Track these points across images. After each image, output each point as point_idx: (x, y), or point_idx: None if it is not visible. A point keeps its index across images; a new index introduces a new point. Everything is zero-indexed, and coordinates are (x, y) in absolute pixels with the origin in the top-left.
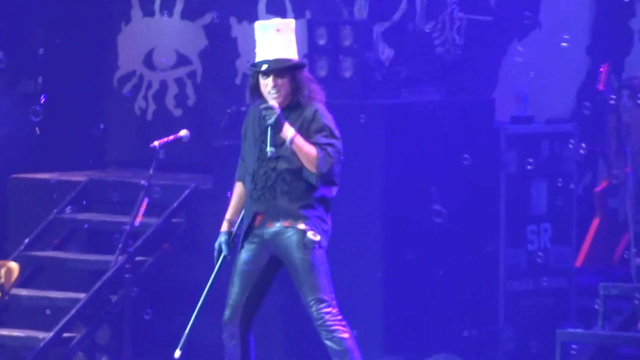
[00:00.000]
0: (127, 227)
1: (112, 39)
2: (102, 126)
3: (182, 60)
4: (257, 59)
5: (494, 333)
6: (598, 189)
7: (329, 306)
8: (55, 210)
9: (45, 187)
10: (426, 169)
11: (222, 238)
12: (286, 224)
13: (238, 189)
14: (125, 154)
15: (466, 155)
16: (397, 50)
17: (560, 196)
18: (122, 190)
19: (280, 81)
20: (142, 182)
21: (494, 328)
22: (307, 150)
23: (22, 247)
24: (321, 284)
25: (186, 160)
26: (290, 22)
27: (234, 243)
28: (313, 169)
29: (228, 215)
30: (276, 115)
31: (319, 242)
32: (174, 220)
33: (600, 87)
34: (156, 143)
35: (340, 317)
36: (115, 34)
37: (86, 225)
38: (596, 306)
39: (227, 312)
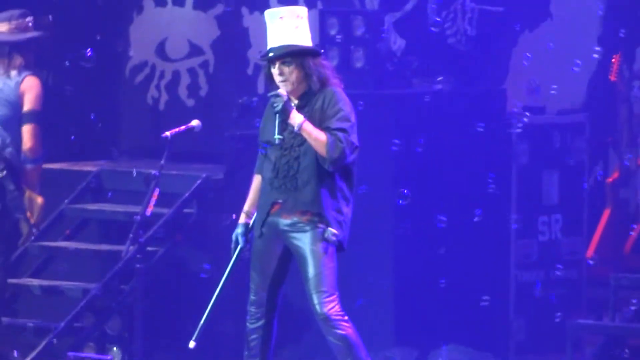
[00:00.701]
0: (138, 217)
1: (124, 29)
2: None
3: (194, 50)
4: (270, 45)
5: (505, 324)
6: (609, 180)
7: (332, 301)
8: (66, 201)
9: (56, 177)
10: (437, 158)
11: (239, 230)
12: (304, 219)
13: (257, 181)
14: (138, 143)
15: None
16: (408, 41)
17: (571, 187)
18: (134, 180)
19: (286, 68)
20: (154, 172)
21: (504, 319)
22: (316, 135)
23: (32, 238)
24: (328, 279)
25: (198, 150)
26: (295, 9)
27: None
28: (324, 154)
29: (246, 207)
30: (283, 102)
31: (336, 236)
32: (185, 210)
33: (612, 77)
34: (168, 133)
35: (343, 313)
36: (127, 24)
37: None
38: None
39: (252, 297)
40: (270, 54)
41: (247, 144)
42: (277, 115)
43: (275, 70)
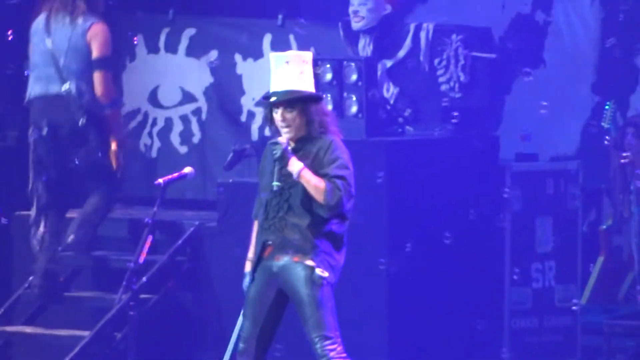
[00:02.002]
0: (132, 265)
1: (117, 76)
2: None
3: (187, 97)
4: (270, 91)
5: None
6: (603, 227)
7: (333, 343)
8: (59, 248)
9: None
10: (430, 205)
11: (247, 280)
12: (295, 258)
13: (257, 227)
14: (130, 191)
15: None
16: (401, 88)
17: (564, 234)
18: (127, 227)
19: (289, 114)
20: (146, 219)
21: None
22: (315, 183)
23: (26, 285)
24: (327, 321)
25: (191, 197)
26: (302, 54)
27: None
28: (321, 201)
29: (250, 255)
30: (282, 150)
31: (326, 279)
32: (178, 257)
33: (605, 125)
34: (161, 180)
35: (344, 355)
36: (120, 71)
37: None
38: None
39: (241, 345)
40: (274, 98)
41: (239, 191)
42: (276, 162)
43: (277, 115)
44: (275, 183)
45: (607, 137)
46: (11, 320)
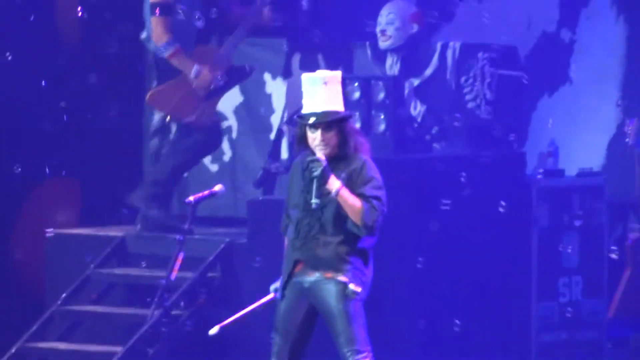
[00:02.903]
0: (163, 281)
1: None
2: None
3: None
4: (305, 111)
5: None
6: (629, 241)
7: (366, 357)
8: (92, 265)
9: (82, 242)
10: (458, 222)
11: (277, 284)
12: (327, 275)
13: (287, 243)
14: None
15: (502, 203)
16: (428, 105)
17: (591, 249)
18: (158, 245)
19: (328, 134)
20: (178, 236)
21: None
22: (352, 202)
23: (59, 302)
24: (358, 335)
25: (221, 214)
26: (337, 75)
27: None
28: (358, 222)
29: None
30: (322, 168)
31: (359, 294)
32: (209, 274)
33: (630, 141)
34: (191, 198)
35: None
36: (150, 89)
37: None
38: None
39: (273, 359)
40: (313, 119)
41: (269, 209)
42: (315, 179)
43: (316, 135)
44: (314, 200)
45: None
46: (44, 336)
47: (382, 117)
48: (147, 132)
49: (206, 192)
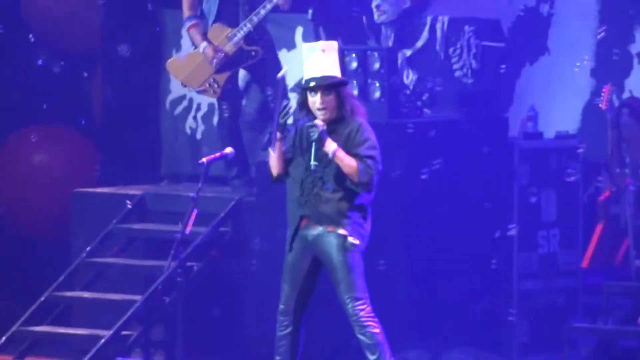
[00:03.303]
0: (179, 236)
1: (165, 65)
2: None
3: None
4: (305, 78)
5: (509, 327)
6: (601, 197)
7: (363, 304)
8: (114, 221)
9: (105, 200)
10: (446, 179)
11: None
12: (329, 228)
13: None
14: (177, 169)
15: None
16: (419, 74)
17: (567, 204)
18: (174, 202)
19: (327, 97)
20: (192, 194)
21: (508, 323)
22: (348, 162)
23: (84, 255)
24: (357, 284)
25: (231, 174)
26: (333, 44)
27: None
28: (355, 179)
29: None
30: (319, 132)
31: (357, 246)
32: (221, 229)
33: (603, 106)
34: (204, 159)
35: (373, 315)
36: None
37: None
38: None
39: (281, 306)
40: (313, 84)
41: None
42: (314, 143)
43: (316, 99)
44: (313, 162)
45: None
46: (70, 286)
47: (378, 85)
48: (163, 96)
49: (217, 154)
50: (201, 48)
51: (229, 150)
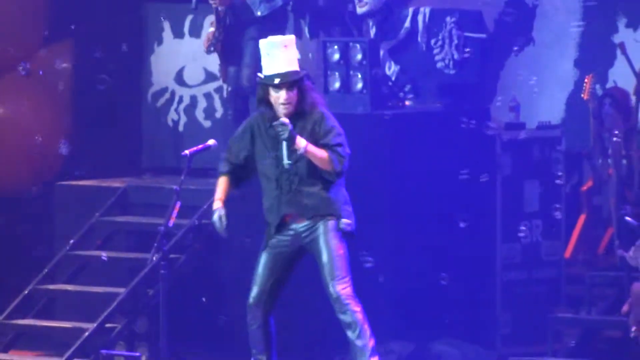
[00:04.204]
0: (162, 228)
1: (146, 58)
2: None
3: (209, 77)
4: (267, 73)
5: (492, 318)
6: (584, 188)
7: (345, 284)
8: (97, 214)
9: (88, 193)
10: (429, 171)
11: (222, 212)
12: (317, 216)
13: (225, 181)
14: (160, 161)
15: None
16: (401, 66)
17: (550, 195)
18: (157, 195)
19: (291, 93)
20: (175, 187)
21: (492, 314)
22: (320, 155)
23: (67, 248)
24: (340, 265)
25: (214, 166)
26: (293, 38)
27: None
28: (329, 169)
29: (221, 196)
30: (289, 131)
31: (351, 224)
32: (203, 221)
33: (585, 96)
34: (187, 152)
35: (353, 295)
36: (149, 54)
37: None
38: None
39: (251, 300)
40: (277, 80)
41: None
42: (285, 142)
43: (280, 94)
44: (286, 162)
45: None
46: (54, 279)
47: (360, 76)
48: (145, 89)
49: (200, 146)
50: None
51: (211, 142)
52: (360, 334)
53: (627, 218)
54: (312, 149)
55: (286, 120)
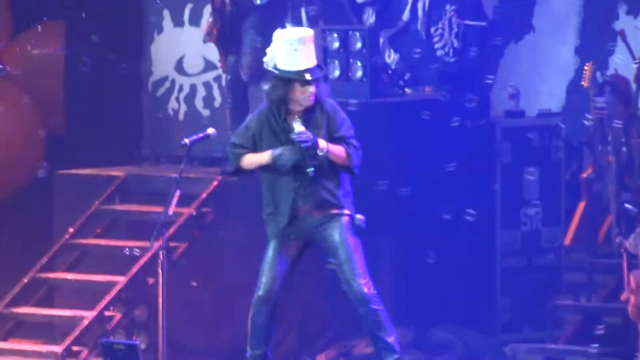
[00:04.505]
0: (162, 217)
1: (146, 47)
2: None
3: (209, 65)
4: (294, 68)
5: (492, 305)
6: (584, 175)
7: (368, 282)
8: (97, 203)
9: (87, 182)
10: (430, 159)
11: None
12: (333, 210)
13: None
14: (159, 150)
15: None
16: (401, 54)
17: (549, 182)
18: (157, 184)
19: (316, 87)
20: (174, 175)
21: (492, 301)
22: (338, 153)
23: (67, 236)
24: (360, 263)
25: (214, 155)
26: (312, 32)
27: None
28: (347, 164)
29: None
30: (312, 140)
31: (364, 222)
32: (203, 209)
33: (585, 84)
34: (187, 140)
35: (375, 292)
36: (149, 42)
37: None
38: None
39: (260, 293)
40: (308, 75)
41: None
42: (307, 150)
43: (308, 89)
44: (309, 170)
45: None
46: (54, 267)
47: (359, 64)
48: (145, 77)
49: (200, 135)
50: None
51: (211, 130)
52: (389, 331)
53: (627, 205)
54: (333, 148)
55: (302, 128)
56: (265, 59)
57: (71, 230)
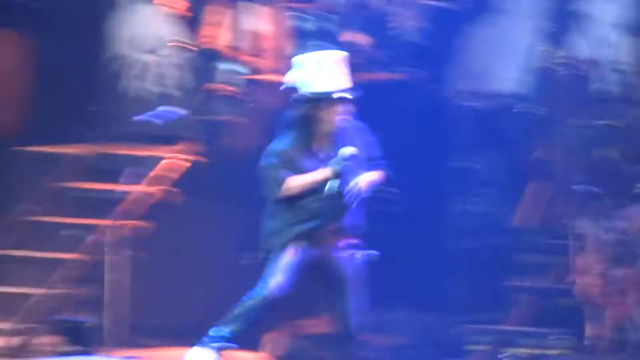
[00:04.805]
0: (115, 195)
1: (100, 24)
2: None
3: (162, 43)
4: (334, 88)
5: (446, 287)
6: (535, 156)
7: (365, 320)
8: (49, 180)
9: (41, 159)
10: (390, 138)
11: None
12: (344, 238)
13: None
14: (113, 128)
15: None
16: (366, 34)
17: (504, 164)
18: (111, 161)
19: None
20: (128, 153)
21: (444, 282)
22: None
23: (18, 212)
24: (362, 299)
25: (166, 133)
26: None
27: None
28: None
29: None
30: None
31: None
32: (156, 188)
33: (545, 66)
34: (140, 117)
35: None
36: (103, 20)
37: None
38: None
39: (276, 292)
40: (348, 95)
41: (219, 130)
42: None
43: (337, 108)
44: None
45: None
46: (3, 244)
47: (333, 47)
48: (98, 55)
49: (151, 112)
50: None
51: (163, 108)
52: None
53: (577, 186)
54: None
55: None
56: (292, 84)
57: (21, 207)
